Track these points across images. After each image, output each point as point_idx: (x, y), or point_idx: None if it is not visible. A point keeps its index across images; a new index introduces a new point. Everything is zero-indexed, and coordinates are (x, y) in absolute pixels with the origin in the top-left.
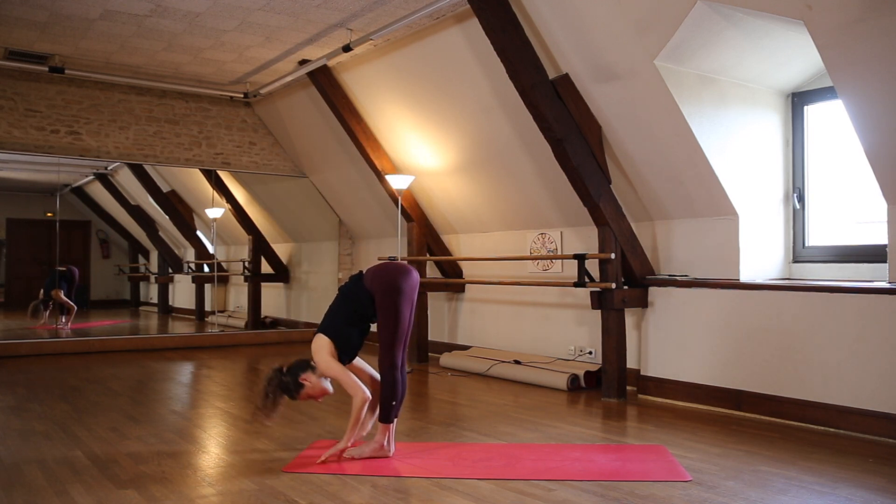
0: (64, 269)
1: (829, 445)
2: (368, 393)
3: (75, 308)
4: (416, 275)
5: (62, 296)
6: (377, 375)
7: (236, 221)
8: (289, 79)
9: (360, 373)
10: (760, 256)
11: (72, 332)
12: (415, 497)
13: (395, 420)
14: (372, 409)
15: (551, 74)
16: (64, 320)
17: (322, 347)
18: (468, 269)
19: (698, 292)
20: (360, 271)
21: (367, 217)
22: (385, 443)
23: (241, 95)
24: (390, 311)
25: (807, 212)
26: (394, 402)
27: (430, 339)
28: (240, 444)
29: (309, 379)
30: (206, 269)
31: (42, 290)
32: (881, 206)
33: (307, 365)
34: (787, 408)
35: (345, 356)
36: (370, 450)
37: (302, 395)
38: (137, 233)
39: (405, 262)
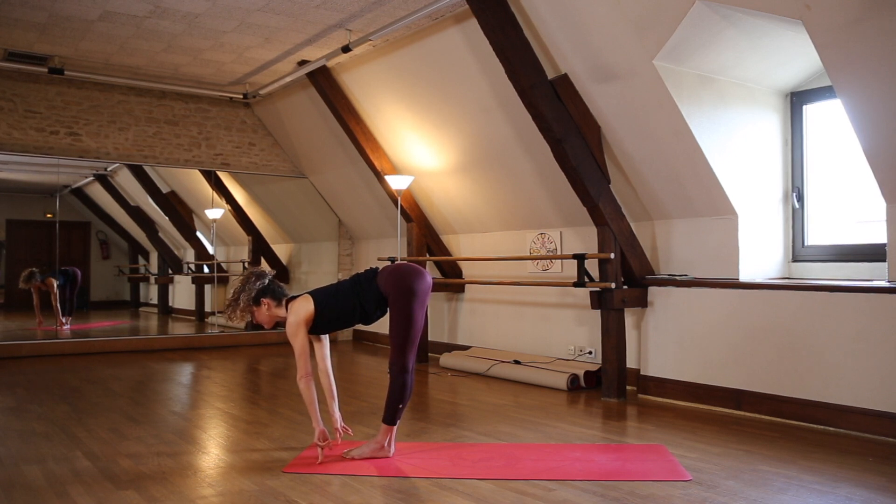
0: (67, 269)
1: (829, 445)
2: (309, 375)
3: (56, 297)
4: (429, 278)
5: (55, 285)
6: (329, 364)
7: (236, 222)
8: (288, 79)
9: (318, 349)
10: (760, 256)
11: (72, 333)
12: (415, 497)
13: (394, 432)
14: (329, 394)
15: (550, 75)
16: (64, 320)
17: (302, 310)
18: (468, 270)
19: (698, 292)
20: (376, 268)
21: (366, 217)
22: (386, 443)
23: (241, 96)
24: (403, 313)
25: (806, 211)
26: (400, 406)
27: (430, 339)
28: (240, 444)
29: (268, 304)
30: (205, 269)
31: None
32: (880, 205)
33: (280, 294)
34: (787, 407)
35: (315, 330)
36: (370, 450)
37: (251, 308)
38: (137, 234)
39: (418, 265)
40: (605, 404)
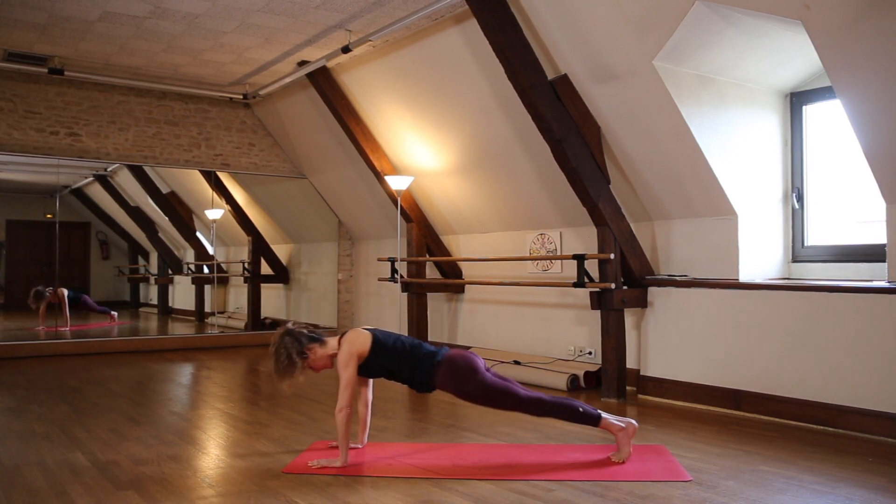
0: (78, 296)
1: (828, 445)
2: (348, 409)
3: (66, 307)
4: (475, 357)
5: (65, 295)
6: (369, 402)
7: (236, 222)
8: (288, 80)
9: (363, 389)
10: (760, 256)
11: (71, 334)
12: (415, 497)
13: (608, 416)
14: (362, 424)
15: (550, 75)
16: (67, 329)
17: (358, 341)
18: (468, 270)
19: (698, 292)
20: (438, 355)
21: (366, 218)
22: (626, 439)
23: (241, 97)
24: (482, 394)
25: (806, 211)
26: (580, 409)
27: (430, 339)
28: (240, 445)
29: (314, 350)
30: (205, 270)
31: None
32: (880, 205)
33: (317, 338)
34: (787, 407)
35: (363, 371)
36: (625, 451)
37: (303, 364)
38: (137, 234)
39: (465, 355)
40: (605, 405)
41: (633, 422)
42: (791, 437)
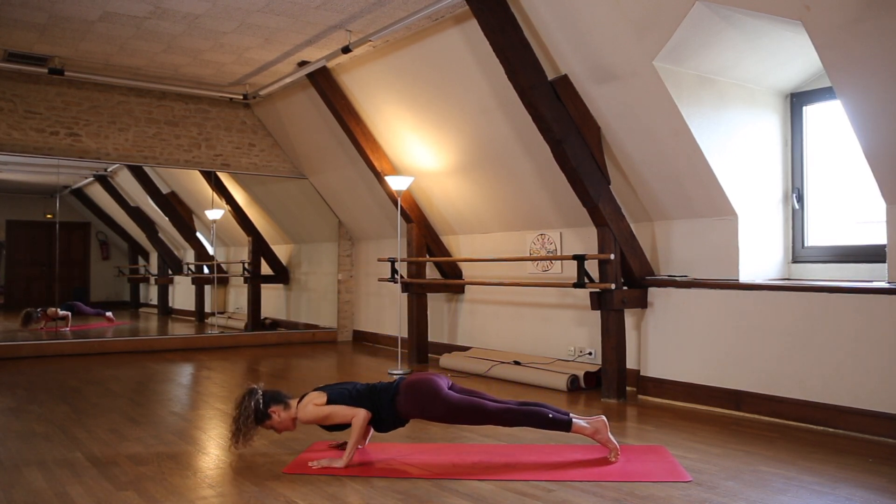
0: (72, 304)
1: (828, 445)
2: (367, 415)
3: (69, 315)
4: (435, 377)
5: (58, 312)
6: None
7: (236, 223)
8: (288, 80)
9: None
10: (760, 257)
11: (71, 334)
12: (415, 497)
13: (578, 420)
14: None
15: (550, 75)
16: (67, 329)
17: (313, 400)
18: (468, 270)
19: (698, 293)
20: (393, 386)
21: (366, 218)
22: (603, 436)
23: (241, 97)
24: (446, 410)
25: (806, 212)
26: (549, 415)
27: (429, 339)
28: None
29: (277, 413)
30: (205, 270)
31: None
32: (880, 206)
33: (281, 398)
34: (787, 408)
35: (328, 428)
36: (612, 446)
37: (266, 425)
38: (137, 234)
39: (423, 379)
40: (605, 405)
41: (601, 417)
42: (791, 437)
